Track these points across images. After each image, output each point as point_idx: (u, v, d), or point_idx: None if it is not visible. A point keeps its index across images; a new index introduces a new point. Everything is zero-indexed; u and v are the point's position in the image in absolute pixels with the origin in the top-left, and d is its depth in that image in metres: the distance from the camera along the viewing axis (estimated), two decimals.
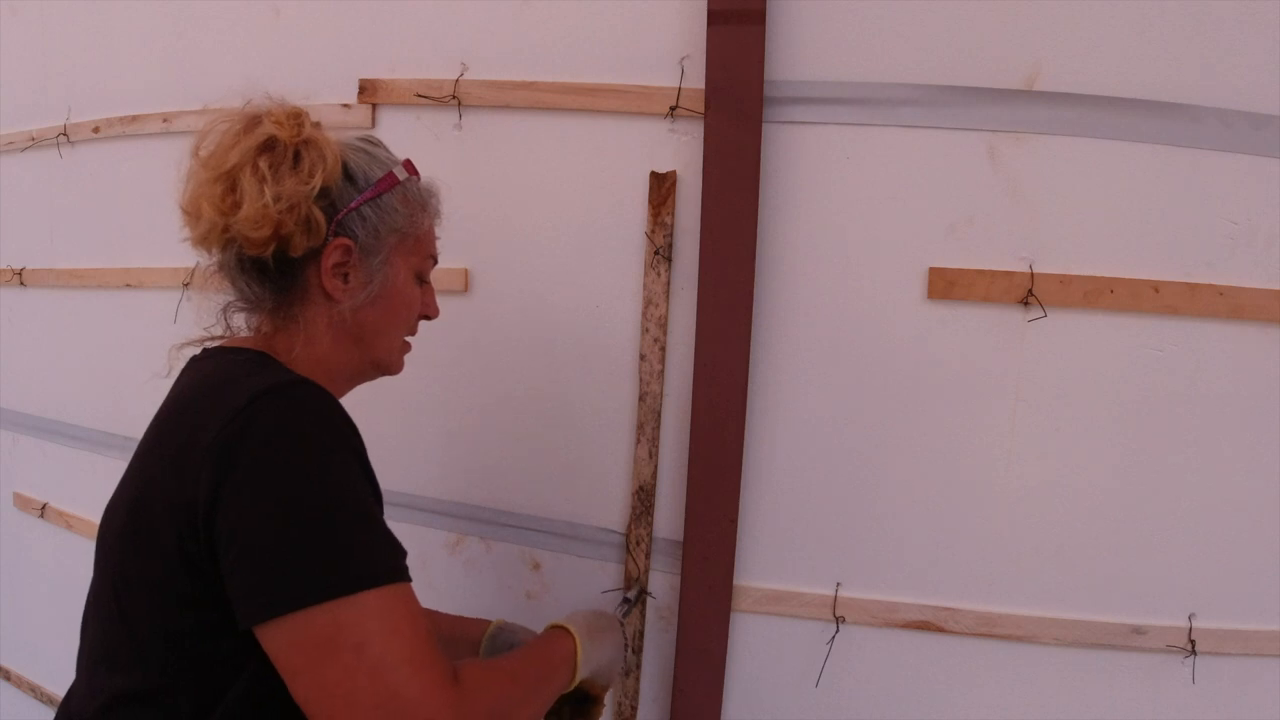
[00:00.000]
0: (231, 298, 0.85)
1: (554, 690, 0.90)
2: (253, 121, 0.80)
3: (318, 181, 0.78)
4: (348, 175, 0.83)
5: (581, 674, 0.93)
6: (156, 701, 0.73)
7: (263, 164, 0.77)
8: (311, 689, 0.67)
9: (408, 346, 0.94)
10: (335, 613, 0.67)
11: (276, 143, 0.79)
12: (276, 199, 0.76)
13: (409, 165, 0.89)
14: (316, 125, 0.83)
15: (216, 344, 0.87)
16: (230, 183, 0.78)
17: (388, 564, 0.71)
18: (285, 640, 0.68)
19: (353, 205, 0.82)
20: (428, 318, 0.95)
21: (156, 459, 0.76)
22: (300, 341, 0.83)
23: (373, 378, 0.92)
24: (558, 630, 0.96)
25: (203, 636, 0.72)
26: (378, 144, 0.89)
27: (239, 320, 0.87)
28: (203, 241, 0.81)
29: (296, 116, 0.81)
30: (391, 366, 0.92)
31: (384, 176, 0.85)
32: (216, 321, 0.87)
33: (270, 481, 0.69)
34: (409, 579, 0.73)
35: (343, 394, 0.90)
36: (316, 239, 0.80)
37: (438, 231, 0.96)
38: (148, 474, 0.76)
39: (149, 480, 0.75)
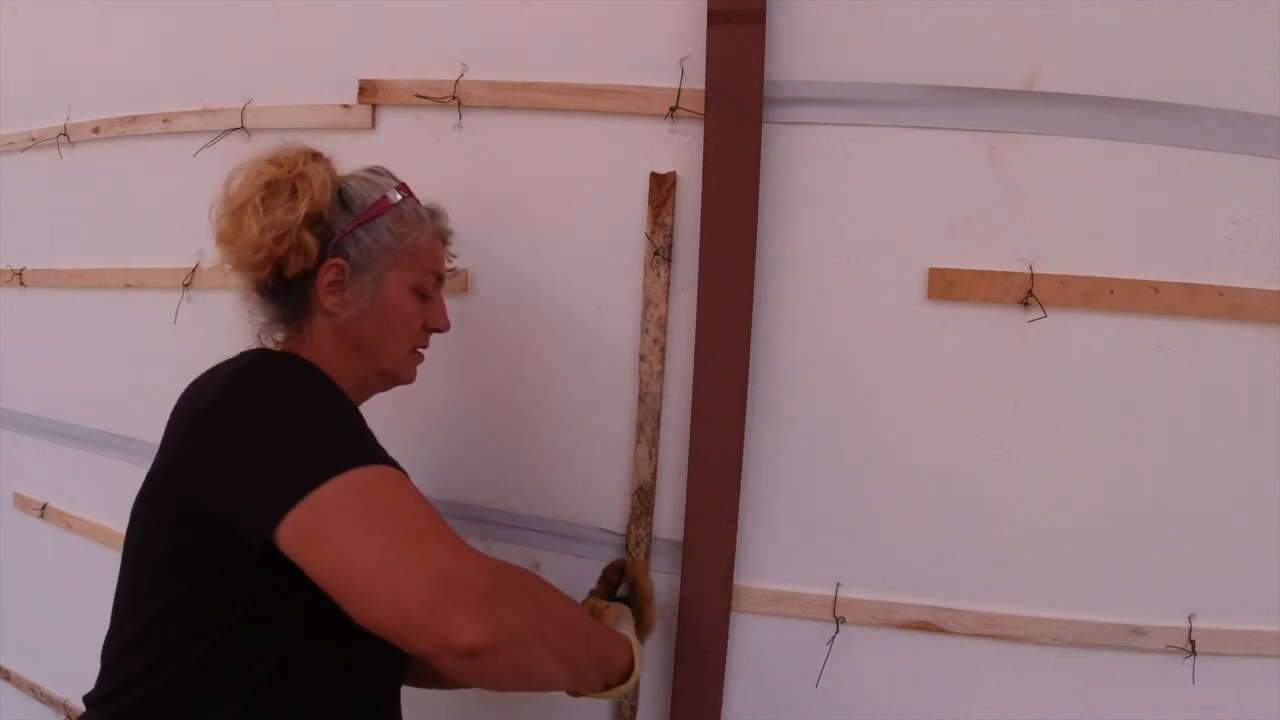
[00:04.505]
0: (262, 320, 0.95)
1: (603, 650, 0.87)
2: (263, 164, 0.90)
3: (303, 210, 0.88)
4: (343, 202, 0.93)
5: (640, 662, 0.91)
6: (143, 651, 0.79)
7: (259, 200, 0.88)
8: (327, 558, 0.68)
9: (417, 358, 1.01)
10: (340, 483, 0.70)
11: (276, 180, 0.89)
12: (264, 229, 0.87)
13: (403, 187, 0.97)
14: (320, 160, 0.93)
15: None
16: (238, 219, 0.89)
17: (381, 456, 0.76)
18: (296, 526, 0.69)
19: (346, 229, 0.92)
20: (437, 330, 1.01)
21: (168, 431, 0.83)
22: (306, 349, 0.93)
23: (385, 388, 1.00)
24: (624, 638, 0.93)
25: (181, 597, 0.77)
26: (382, 172, 0.98)
27: (268, 340, 0.96)
28: (229, 267, 0.93)
29: (296, 156, 0.91)
30: (399, 375, 0.99)
31: (377, 200, 0.94)
32: (255, 343, 0.95)
33: (253, 417, 0.75)
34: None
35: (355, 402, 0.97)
36: (309, 261, 0.90)
37: (451, 249, 1.03)
38: (162, 446, 0.83)
39: (162, 450, 0.82)
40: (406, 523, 0.70)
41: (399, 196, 0.96)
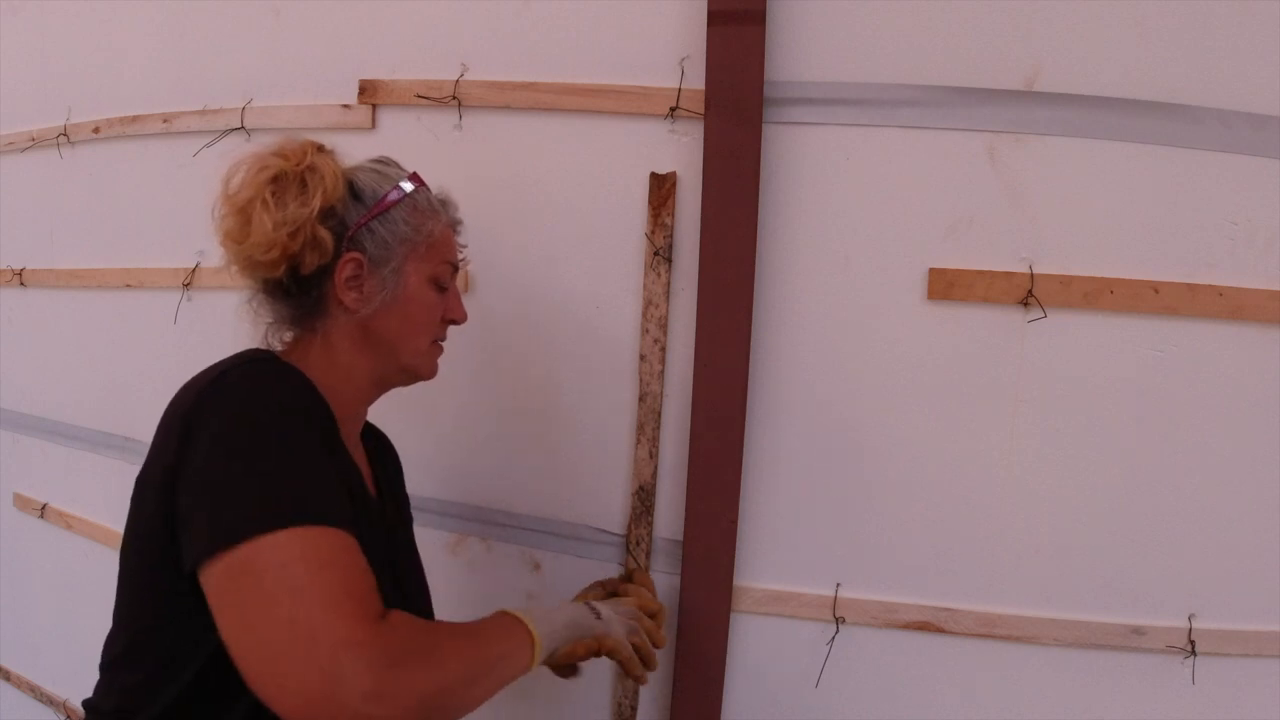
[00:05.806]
0: (270, 320, 0.92)
1: (506, 662, 0.83)
2: (267, 158, 0.87)
3: (316, 204, 0.85)
4: (355, 194, 0.90)
5: (545, 644, 0.87)
6: (141, 658, 0.78)
7: (268, 194, 0.85)
8: (229, 623, 0.68)
9: (438, 350, 0.99)
10: (258, 545, 0.68)
11: (283, 174, 0.86)
12: (278, 225, 0.84)
13: (415, 177, 0.94)
14: (325, 152, 0.90)
15: None
16: (246, 216, 0.85)
17: (317, 508, 0.72)
18: (212, 578, 0.69)
19: (361, 222, 0.89)
20: (455, 322, 0.99)
21: (157, 431, 0.81)
22: (317, 348, 0.90)
23: (405, 383, 0.97)
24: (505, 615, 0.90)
25: (173, 599, 0.75)
26: (389, 163, 0.95)
27: (275, 340, 0.93)
28: (236, 269, 0.90)
29: (302, 149, 0.88)
30: (421, 371, 0.96)
31: (389, 192, 0.91)
32: (262, 344, 0.93)
33: (215, 438, 0.74)
34: (344, 528, 0.72)
35: (371, 399, 0.97)
36: (325, 256, 0.87)
37: (461, 239, 1.00)
38: (151, 446, 0.81)
39: (150, 450, 0.81)
40: (310, 602, 0.66)
41: (411, 186, 0.93)
